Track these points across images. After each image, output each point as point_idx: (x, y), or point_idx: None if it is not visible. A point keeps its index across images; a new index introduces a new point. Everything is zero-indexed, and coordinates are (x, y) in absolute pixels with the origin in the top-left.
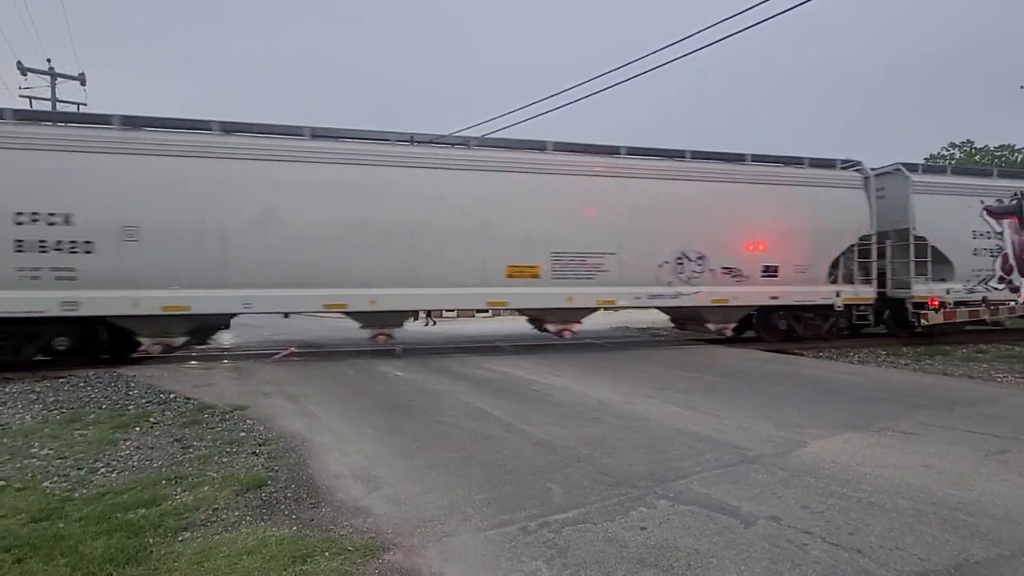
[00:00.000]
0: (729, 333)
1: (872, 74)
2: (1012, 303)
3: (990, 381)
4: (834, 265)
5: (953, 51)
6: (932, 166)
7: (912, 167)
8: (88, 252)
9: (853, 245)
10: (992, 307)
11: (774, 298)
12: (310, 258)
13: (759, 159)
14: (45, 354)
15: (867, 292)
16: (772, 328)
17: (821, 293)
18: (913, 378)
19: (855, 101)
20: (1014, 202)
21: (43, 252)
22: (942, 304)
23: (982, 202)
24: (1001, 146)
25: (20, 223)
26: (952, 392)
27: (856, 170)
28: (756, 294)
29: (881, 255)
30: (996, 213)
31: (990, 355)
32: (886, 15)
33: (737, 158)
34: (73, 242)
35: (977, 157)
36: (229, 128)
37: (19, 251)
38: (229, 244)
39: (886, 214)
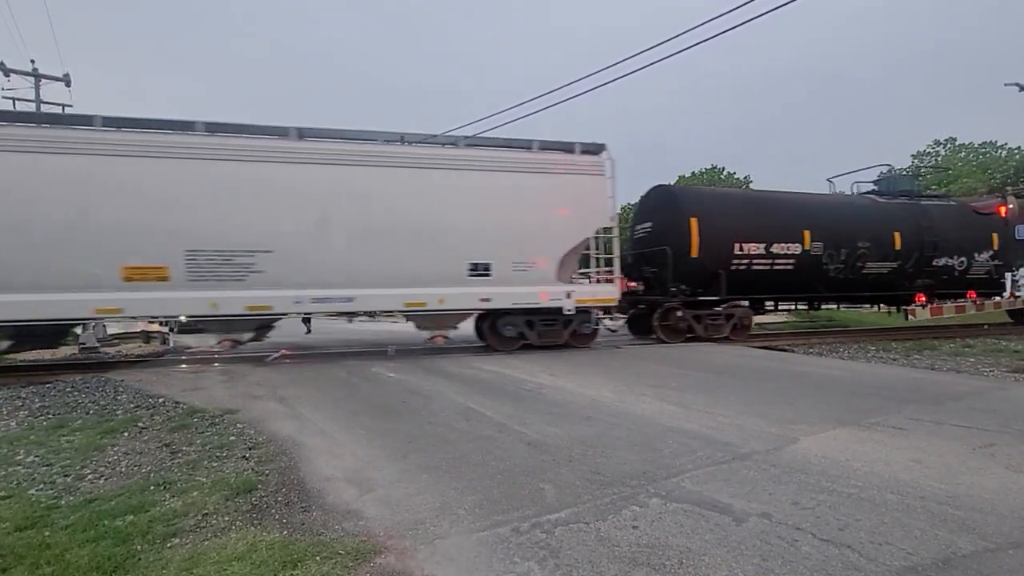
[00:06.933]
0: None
1: (859, 73)
2: (998, 298)
3: (977, 375)
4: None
5: (939, 50)
6: None
7: None
8: None
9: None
10: (979, 303)
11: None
12: None
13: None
14: None
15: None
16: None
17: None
18: (902, 373)
19: (842, 99)
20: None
21: None
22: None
23: None
24: (985, 143)
25: None
26: (940, 387)
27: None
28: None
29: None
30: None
31: (977, 349)
32: (872, 14)
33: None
34: None
35: (962, 154)
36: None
37: None
38: None
39: None
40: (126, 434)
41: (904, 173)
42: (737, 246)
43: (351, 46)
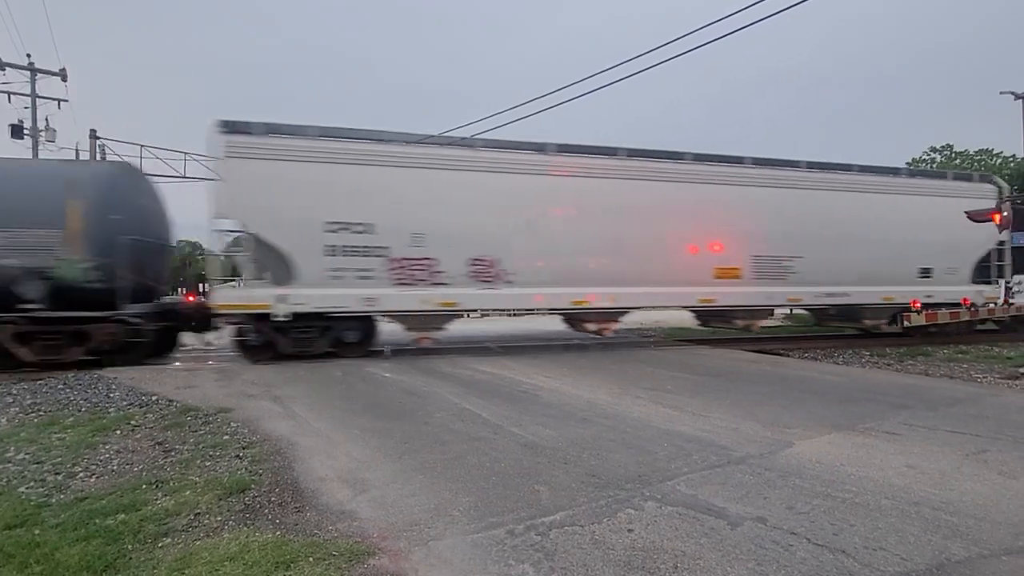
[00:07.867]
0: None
1: (855, 77)
2: (992, 304)
3: (971, 381)
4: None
5: (936, 56)
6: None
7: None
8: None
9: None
10: (974, 310)
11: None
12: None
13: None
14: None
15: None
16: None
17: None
18: (896, 379)
19: (837, 103)
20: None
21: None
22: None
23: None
24: (981, 150)
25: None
26: (934, 392)
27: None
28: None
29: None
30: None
31: (970, 355)
32: (870, 19)
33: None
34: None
35: (957, 161)
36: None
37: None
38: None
39: None
40: (118, 432)
41: None
42: None
43: (356, 44)
